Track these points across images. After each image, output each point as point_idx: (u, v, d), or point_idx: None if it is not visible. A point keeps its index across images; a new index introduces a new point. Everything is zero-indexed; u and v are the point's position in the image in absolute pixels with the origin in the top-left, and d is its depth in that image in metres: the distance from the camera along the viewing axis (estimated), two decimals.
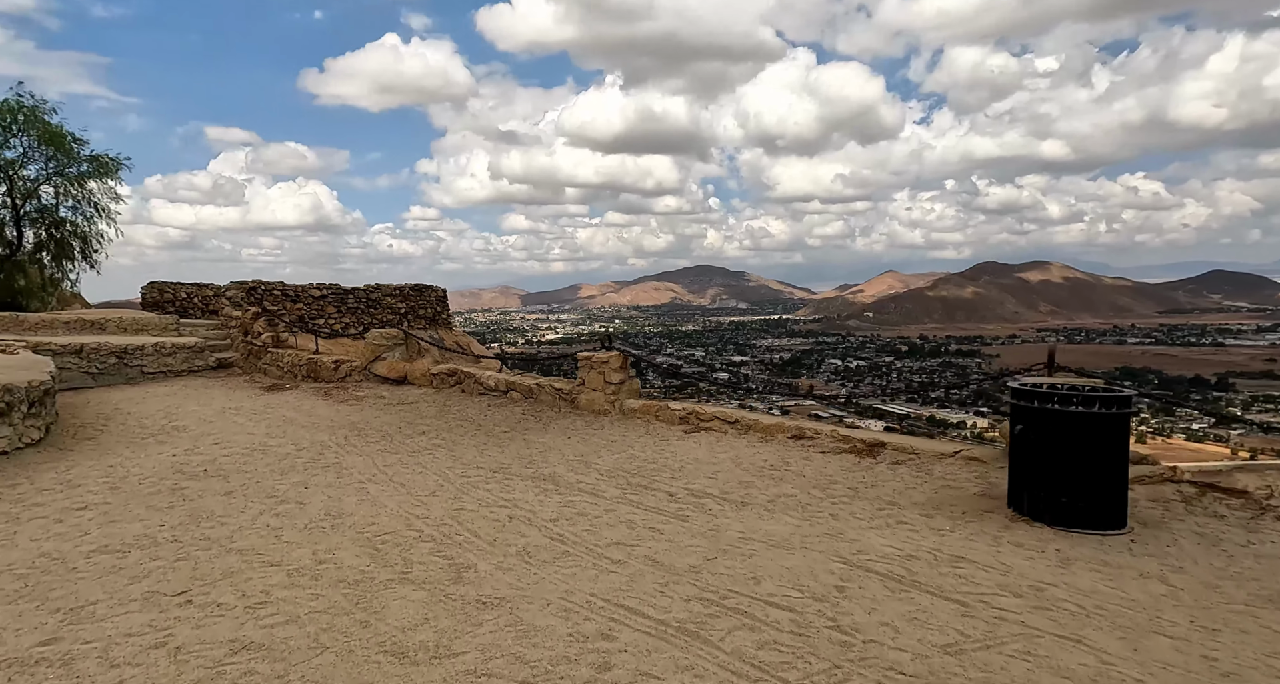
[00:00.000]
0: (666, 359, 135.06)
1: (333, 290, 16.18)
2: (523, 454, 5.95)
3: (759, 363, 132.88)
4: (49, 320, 11.18)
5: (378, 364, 10.12)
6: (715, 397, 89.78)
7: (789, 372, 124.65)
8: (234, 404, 8.90)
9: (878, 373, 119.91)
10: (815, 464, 5.36)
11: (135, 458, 5.92)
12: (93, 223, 14.49)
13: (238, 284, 14.82)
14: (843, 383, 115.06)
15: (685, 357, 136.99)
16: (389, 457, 5.92)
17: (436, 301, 19.29)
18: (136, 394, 9.98)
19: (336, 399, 9.17)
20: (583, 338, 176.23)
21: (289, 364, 11.44)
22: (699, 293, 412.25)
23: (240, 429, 7.27)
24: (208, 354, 12.16)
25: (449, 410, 8.08)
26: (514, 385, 8.45)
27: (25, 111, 13.10)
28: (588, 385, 7.71)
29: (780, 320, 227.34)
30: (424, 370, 9.69)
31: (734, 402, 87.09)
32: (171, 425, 7.54)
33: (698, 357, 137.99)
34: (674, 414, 6.88)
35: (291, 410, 8.41)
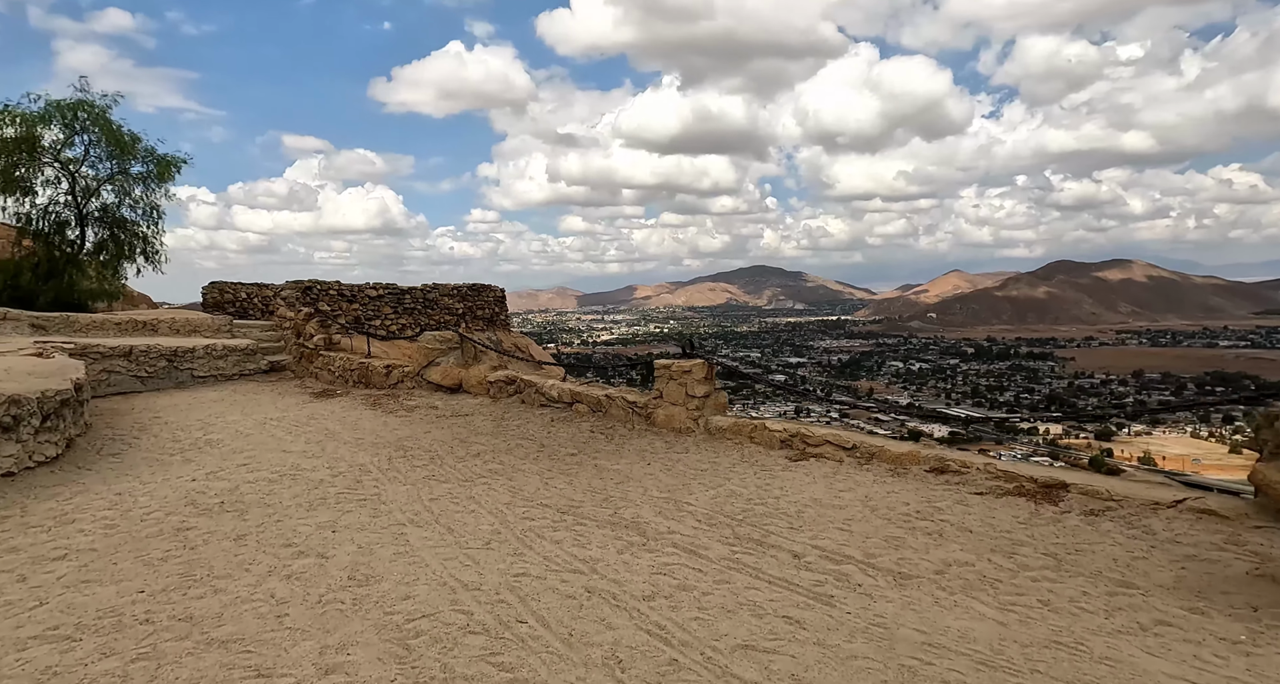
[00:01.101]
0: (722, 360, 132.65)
1: (389, 290, 15.61)
2: (595, 486, 4.87)
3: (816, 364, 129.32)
4: (100, 321, 10.82)
5: (431, 370, 9.27)
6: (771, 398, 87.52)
7: (848, 374, 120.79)
8: (277, 414, 8.16)
9: (941, 376, 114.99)
10: (976, 512, 4.07)
11: (151, 482, 5.11)
12: (153, 222, 14.29)
13: (293, 283, 14.37)
14: (904, 386, 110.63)
15: (740, 358, 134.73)
16: (436, 487, 4.94)
17: (494, 302, 18.59)
18: (182, 400, 9.42)
19: (385, 409, 8.34)
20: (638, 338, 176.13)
21: (340, 368, 10.76)
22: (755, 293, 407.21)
23: (276, 445, 6.46)
24: (259, 357, 11.62)
25: (507, 425, 7.09)
26: (580, 397, 7.41)
27: (87, 108, 12.92)
28: (666, 399, 6.59)
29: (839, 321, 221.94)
30: (480, 378, 8.77)
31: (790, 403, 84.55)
32: (205, 439, 6.80)
33: (753, 358, 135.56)
34: (773, 436, 5.69)
35: (335, 422, 7.60)
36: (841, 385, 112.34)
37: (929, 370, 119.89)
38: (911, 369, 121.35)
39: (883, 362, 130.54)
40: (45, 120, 12.50)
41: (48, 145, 12.86)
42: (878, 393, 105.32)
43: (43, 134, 12.65)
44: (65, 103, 12.78)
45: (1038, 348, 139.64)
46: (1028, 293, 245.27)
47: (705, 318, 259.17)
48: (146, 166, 13.84)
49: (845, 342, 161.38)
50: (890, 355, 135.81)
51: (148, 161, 13.78)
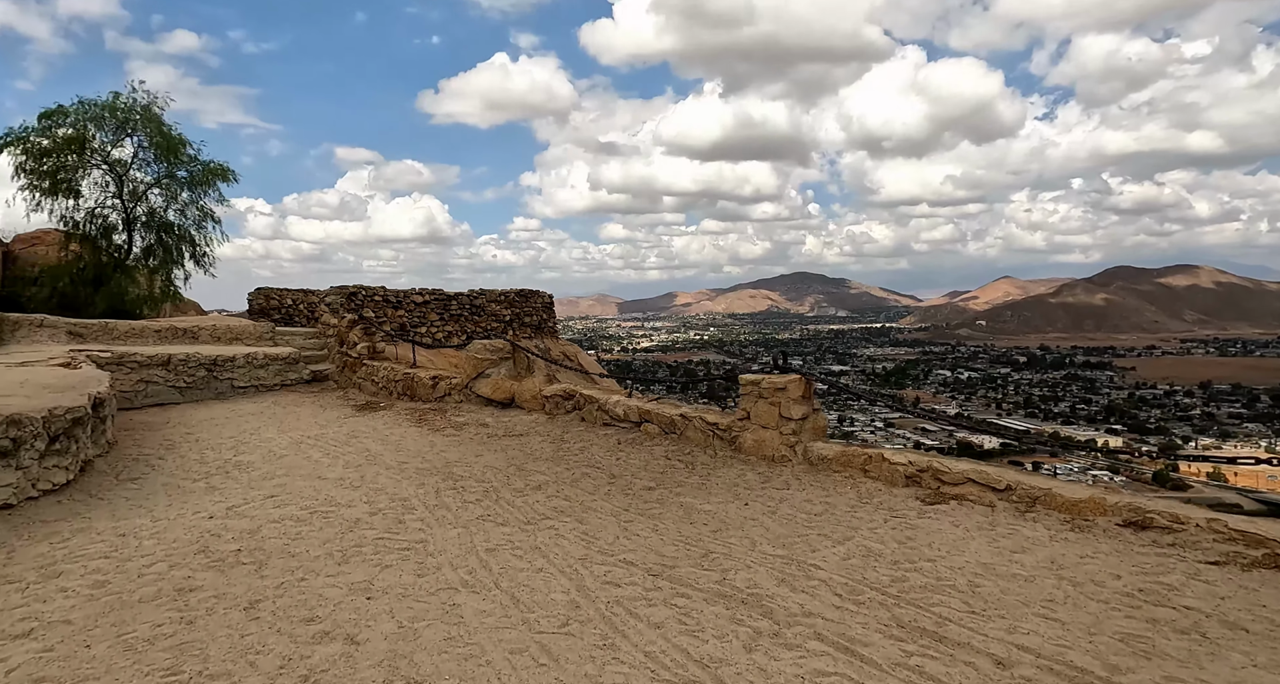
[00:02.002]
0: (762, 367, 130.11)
1: (435, 296, 15.00)
2: (687, 535, 3.92)
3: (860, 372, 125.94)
4: (140, 328, 10.39)
5: (480, 382, 8.47)
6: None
7: (893, 382, 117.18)
8: (315, 432, 7.45)
9: (991, 385, 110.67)
10: (1234, 597, 2.96)
11: (164, 518, 4.36)
12: (201, 229, 13.98)
13: (337, 289, 13.86)
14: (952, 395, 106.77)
15: None
16: (493, 530, 4.06)
17: (542, 308, 17.87)
18: (219, 414, 8.83)
19: (432, 426, 7.55)
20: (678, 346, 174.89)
21: (384, 379, 10.07)
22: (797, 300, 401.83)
23: (311, 470, 5.69)
24: (302, 366, 11.05)
25: (568, 449, 6.20)
26: (650, 416, 6.48)
27: (139, 109, 12.66)
28: (755, 421, 5.61)
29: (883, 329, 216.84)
30: (534, 392, 7.93)
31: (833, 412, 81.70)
32: (235, 461, 6.09)
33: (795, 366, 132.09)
34: (895, 470, 4.65)
35: (378, 442, 6.83)
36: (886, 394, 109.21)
37: (978, 379, 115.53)
38: (960, 378, 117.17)
39: (929, 370, 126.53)
40: (97, 120, 12.24)
41: (97, 146, 12.62)
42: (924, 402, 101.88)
43: (94, 134, 12.40)
44: (119, 102, 12.52)
45: (1095, 357, 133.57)
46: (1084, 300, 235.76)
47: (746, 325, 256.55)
48: (192, 171, 13.52)
49: (890, 349, 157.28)
50: (937, 364, 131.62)
51: (193, 167, 13.46)
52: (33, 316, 9.43)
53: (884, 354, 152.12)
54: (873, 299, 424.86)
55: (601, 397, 7.09)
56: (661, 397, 6.94)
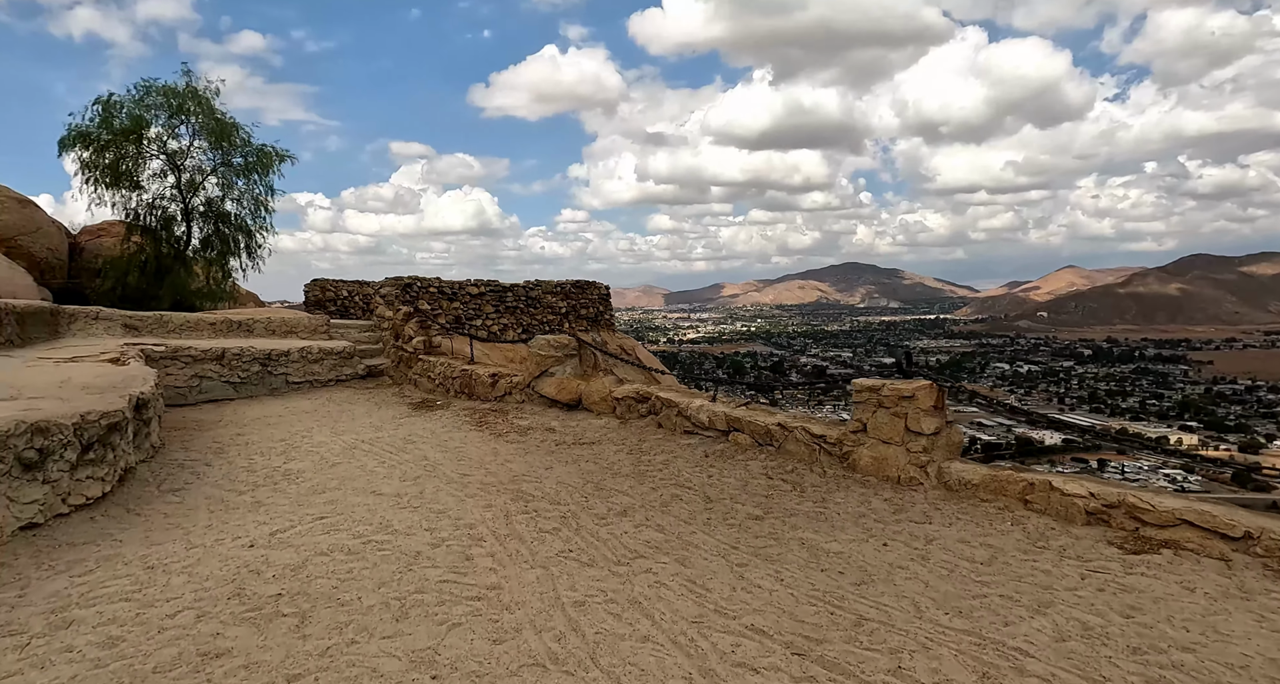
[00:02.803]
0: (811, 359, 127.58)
1: (491, 288, 14.47)
2: (823, 589, 3.11)
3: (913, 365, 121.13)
4: (195, 321, 10.10)
5: (544, 381, 7.80)
6: None
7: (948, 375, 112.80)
8: (370, 434, 6.90)
9: (1053, 379, 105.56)
10: None
11: (201, 544, 3.79)
12: (257, 217, 13.76)
13: (393, 280, 13.45)
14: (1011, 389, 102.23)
15: (831, 357, 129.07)
16: (578, 573, 3.33)
17: (599, 300, 17.21)
18: (273, 411, 8.42)
19: (493, 430, 6.91)
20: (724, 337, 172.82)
21: (440, 375, 9.53)
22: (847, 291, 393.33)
23: (365, 483, 5.09)
24: (356, 361, 10.62)
25: (649, 462, 5.44)
26: (740, 424, 5.66)
27: (193, 95, 12.44)
28: (873, 434, 4.74)
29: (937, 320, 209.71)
30: (604, 393, 7.20)
31: None
32: (284, 469, 5.55)
33: (844, 357, 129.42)
34: (1070, 503, 3.73)
35: (436, 448, 6.22)
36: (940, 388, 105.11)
37: (1039, 373, 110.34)
38: (1019, 371, 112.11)
39: (986, 363, 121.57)
40: (151, 108, 12.05)
41: (154, 135, 12.46)
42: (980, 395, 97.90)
43: (149, 123, 12.23)
44: (171, 87, 12.30)
45: (1167, 350, 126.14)
46: (1157, 290, 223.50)
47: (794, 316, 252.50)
48: (247, 158, 13.27)
49: (944, 341, 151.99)
50: (995, 356, 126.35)
51: (248, 153, 13.20)
52: (89, 309, 9.21)
53: (938, 346, 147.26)
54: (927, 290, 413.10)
55: (681, 400, 6.30)
56: (750, 400, 6.11)
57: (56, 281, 13.30)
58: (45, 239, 13.23)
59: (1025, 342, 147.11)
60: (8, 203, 13.17)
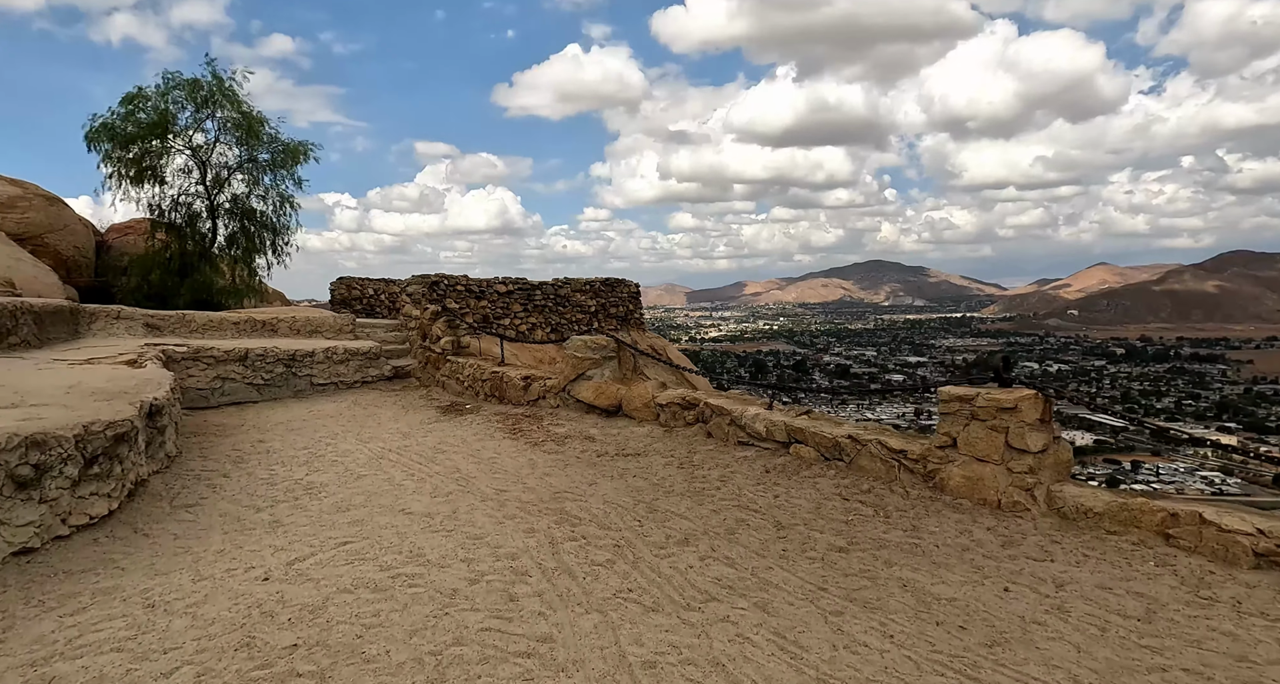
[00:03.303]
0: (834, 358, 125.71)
1: (519, 286, 14.04)
2: (947, 651, 2.56)
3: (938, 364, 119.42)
4: (218, 321, 9.79)
5: (581, 385, 7.30)
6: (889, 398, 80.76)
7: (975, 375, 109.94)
8: (398, 442, 6.46)
9: (1084, 378, 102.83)
10: None
11: (209, 577, 3.34)
12: (282, 214, 13.48)
13: (419, 278, 13.07)
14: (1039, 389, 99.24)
15: (855, 356, 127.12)
16: (642, 621, 2.81)
17: (628, 298, 16.71)
18: (297, 415, 8.05)
19: (528, 438, 6.43)
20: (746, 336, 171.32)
21: (469, 377, 9.10)
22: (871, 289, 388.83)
23: (392, 500, 4.63)
24: (382, 362, 10.24)
25: (704, 477, 4.91)
26: (802, 435, 5.10)
27: (219, 88, 12.16)
28: (965, 450, 4.16)
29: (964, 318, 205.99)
30: (646, 399, 6.68)
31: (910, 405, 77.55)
32: (306, 483, 5.12)
33: (868, 356, 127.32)
34: (1231, 541, 3.11)
35: (468, 458, 5.75)
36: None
37: (1069, 372, 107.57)
38: (1048, 370, 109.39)
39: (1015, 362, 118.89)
40: (176, 101, 11.79)
41: (179, 129, 12.21)
42: None
43: (174, 117, 11.98)
44: (196, 80, 12.04)
45: (1204, 349, 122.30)
46: (1193, 287, 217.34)
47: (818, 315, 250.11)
48: (273, 152, 12.97)
49: (971, 340, 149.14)
50: (1023, 355, 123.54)
51: (274, 147, 12.90)
52: (110, 308, 8.93)
53: (964, 345, 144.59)
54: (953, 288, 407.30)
55: (734, 408, 5.76)
56: (811, 409, 5.55)
57: (83, 280, 13.15)
58: (72, 237, 13.07)
59: (1055, 340, 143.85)
60: (36, 200, 13.03)
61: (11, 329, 6.67)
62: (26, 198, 12.87)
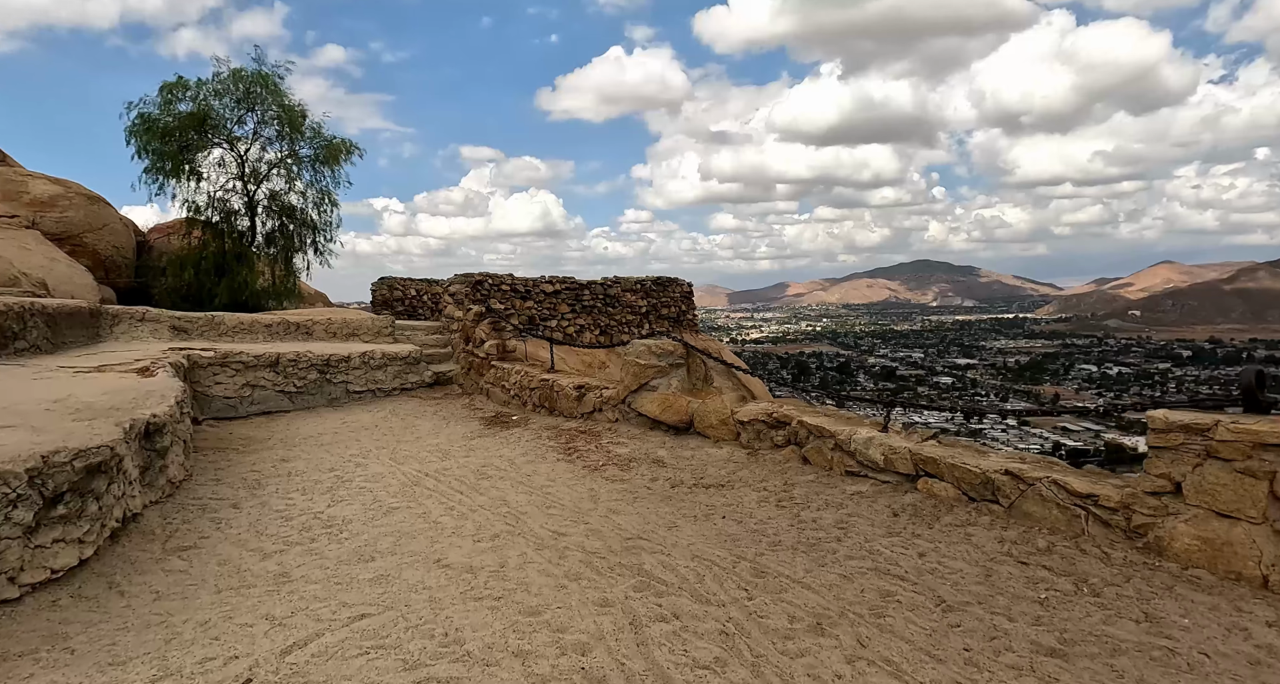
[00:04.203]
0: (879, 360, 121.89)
1: (566, 285, 13.17)
2: None
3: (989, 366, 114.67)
4: (249, 323, 9.15)
5: (643, 397, 6.33)
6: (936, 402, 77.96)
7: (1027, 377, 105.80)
8: (435, 463, 5.58)
9: (1147, 381, 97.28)
10: None
11: (180, 667, 2.46)
12: (323, 211, 12.89)
13: (462, 277, 12.30)
14: (1099, 392, 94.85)
15: (901, 358, 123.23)
16: None
17: (681, 298, 15.70)
18: (329, 427, 7.29)
19: (586, 460, 5.48)
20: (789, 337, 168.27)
21: (516, 385, 8.22)
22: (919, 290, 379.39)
23: (425, 546, 3.72)
24: (423, 367, 9.46)
25: (815, 521, 3.86)
26: (935, 468, 4.02)
27: (261, 80, 11.61)
28: (1197, 500, 3.03)
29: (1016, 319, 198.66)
30: (723, 415, 5.66)
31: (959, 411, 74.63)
32: (327, 517, 4.26)
33: (915, 358, 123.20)
34: None
35: (518, 486, 4.82)
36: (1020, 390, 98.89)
37: (1130, 375, 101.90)
38: (1108, 373, 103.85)
39: (1071, 364, 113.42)
40: (219, 94, 11.27)
41: (218, 122, 11.69)
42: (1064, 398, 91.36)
43: (214, 110, 11.46)
44: (240, 72, 11.49)
45: None
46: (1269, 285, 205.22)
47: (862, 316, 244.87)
48: (314, 149, 12.37)
49: (1024, 342, 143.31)
50: (1080, 357, 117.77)
51: (315, 143, 12.30)
52: (134, 309, 8.34)
53: (1017, 347, 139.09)
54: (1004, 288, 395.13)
55: (838, 429, 4.69)
56: (938, 433, 4.44)
57: (122, 281, 12.80)
58: (111, 237, 12.73)
59: (1115, 342, 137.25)
60: (76, 199, 12.72)
61: (19, 333, 6.03)
62: (67, 196, 12.56)
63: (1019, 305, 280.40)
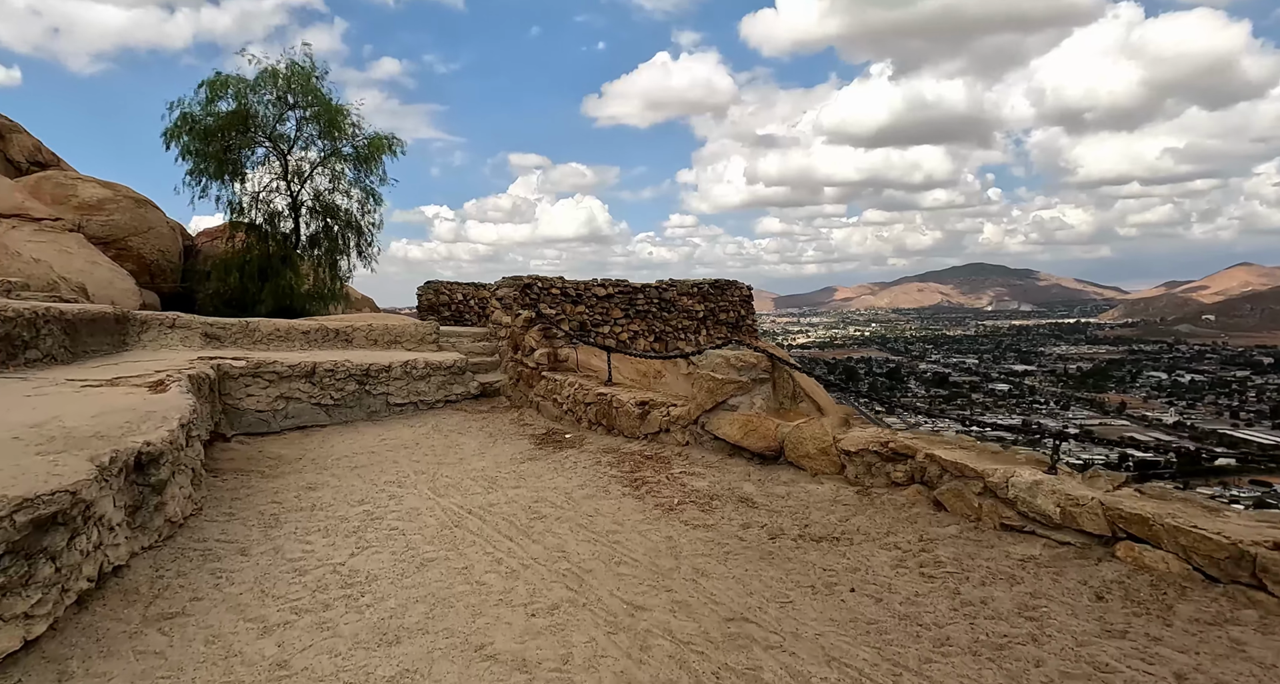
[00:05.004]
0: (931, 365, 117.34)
1: (620, 289, 12.33)
2: None
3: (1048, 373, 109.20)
4: (285, 330, 8.56)
5: (721, 418, 5.38)
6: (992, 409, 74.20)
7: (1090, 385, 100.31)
8: (481, 497, 4.75)
9: (1223, 389, 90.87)
10: None
11: None
12: (367, 211, 12.36)
13: (510, 280, 11.59)
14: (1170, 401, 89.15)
15: (954, 364, 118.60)
16: None
17: (740, 302, 14.69)
18: (366, 445, 6.59)
19: (656, 495, 4.57)
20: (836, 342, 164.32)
21: (569, 399, 7.38)
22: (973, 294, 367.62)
23: (465, 624, 2.85)
24: (468, 377, 8.72)
25: (983, 605, 2.85)
26: (1145, 530, 2.95)
27: (302, 78, 11.16)
28: None
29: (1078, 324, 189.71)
30: (824, 442, 4.66)
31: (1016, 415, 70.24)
32: (349, 571, 3.45)
33: (969, 364, 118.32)
34: None
35: (578, 532, 3.94)
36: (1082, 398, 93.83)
37: (1204, 383, 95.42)
38: (1179, 380, 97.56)
39: (1138, 371, 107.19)
40: (256, 88, 10.83)
41: (260, 121, 11.27)
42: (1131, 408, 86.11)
43: (255, 107, 11.04)
44: (279, 69, 11.06)
45: None
46: None
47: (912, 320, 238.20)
48: (356, 146, 11.85)
49: (1087, 348, 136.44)
50: (1149, 364, 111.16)
51: (357, 141, 11.77)
52: (165, 315, 7.83)
53: (1079, 352, 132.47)
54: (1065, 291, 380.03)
55: (986, 467, 3.65)
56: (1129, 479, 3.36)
57: (168, 286, 12.52)
58: (157, 240, 12.46)
59: (1187, 348, 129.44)
60: (124, 203, 12.50)
61: (29, 342, 5.47)
62: (115, 200, 12.35)
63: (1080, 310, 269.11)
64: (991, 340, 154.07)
